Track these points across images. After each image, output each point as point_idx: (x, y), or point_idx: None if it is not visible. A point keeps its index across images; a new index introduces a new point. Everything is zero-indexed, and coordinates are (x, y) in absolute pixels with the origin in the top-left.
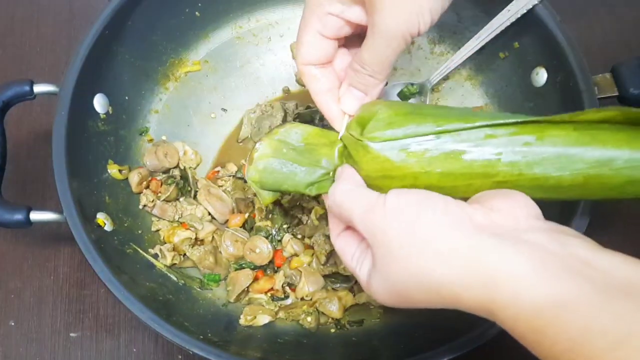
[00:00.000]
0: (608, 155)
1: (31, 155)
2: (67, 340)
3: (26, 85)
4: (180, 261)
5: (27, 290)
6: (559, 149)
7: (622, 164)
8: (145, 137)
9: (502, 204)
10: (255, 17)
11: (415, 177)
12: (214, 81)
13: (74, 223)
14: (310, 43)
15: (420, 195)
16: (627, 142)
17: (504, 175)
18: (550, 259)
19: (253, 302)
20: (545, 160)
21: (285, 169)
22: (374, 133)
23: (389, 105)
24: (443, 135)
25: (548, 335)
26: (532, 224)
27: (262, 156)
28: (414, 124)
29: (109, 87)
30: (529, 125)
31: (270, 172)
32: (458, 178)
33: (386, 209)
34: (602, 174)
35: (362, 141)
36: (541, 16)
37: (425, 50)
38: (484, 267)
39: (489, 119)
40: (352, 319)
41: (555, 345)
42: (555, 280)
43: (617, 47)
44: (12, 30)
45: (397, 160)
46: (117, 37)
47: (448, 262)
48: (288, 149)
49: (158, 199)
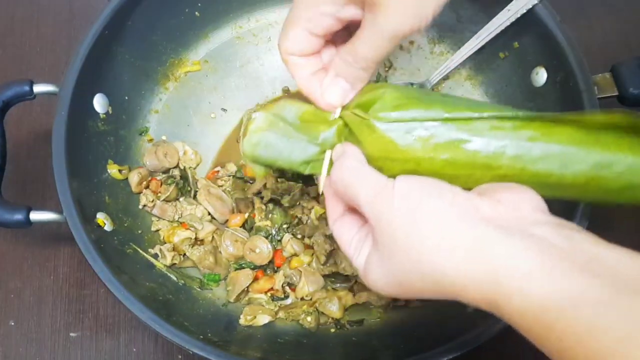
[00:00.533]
0: (610, 159)
1: (31, 155)
2: (67, 340)
3: (26, 85)
4: (180, 261)
5: (27, 290)
6: (563, 147)
7: (623, 168)
8: (145, 137)
9: (509, 196)
10: (255, 17)
11: (417, 162)
12: (214, 81)
13: (74, 223)
14: (296, 38)
15: (429, 184)
16: (629, 148)
17: (506, 169)
18: (557, 254)
19: (253, 302)
20: (549, 157)
21: (281, 144)
22: (380, 113)
23: (396, 88)
24: (449, 123)
25: (554, 330)
26: (539, 217)
27: (258, 129)
28: (421, 108)
29: (108, 87)
30: (535, 121)
31: (264, 145)
32: (461, 167)
33: (394, 195)
34: (602, 176)
35: (368, 120)
36: (541, 16)
37: (425, 50)
38: (490, 260)
39: (497, 110)
40: (352, 319)
41: (562, 341)
42: (562, 276)
43: (617, 47)
44: (12, 30)
45: (402, 143)
46: (117, 37)
47: (453, 253)
48: (284, 124)
49: (158, 199)
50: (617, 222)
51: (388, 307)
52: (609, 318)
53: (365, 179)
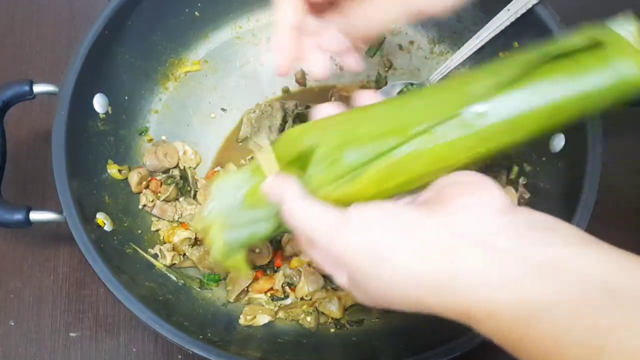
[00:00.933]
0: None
1: (31, 155)
2: (66, 340)
3: (26, 85)
4: (180, 261)
5: (26, 290)
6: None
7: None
8: (145, 137)
9: (467, 201)
10: (255, 17)
11: (376, 185)
12: (214, 81)
13: (74, 223)
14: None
15: (384, 212)
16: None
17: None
18: (521, 267)
19: (253, 302)
20: (498, 128)
21: (244, 232)
22: (318, 178)
23: (321, 132)
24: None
25: (524, 343)
26: (502, 223)
27: (215, 238)
28: (353, 149)
29: (108, 87)
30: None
31: (231, 244)
32: (415, 173)
33: (351, 232)
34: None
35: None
36: (541, 16)
37: (425, 50)
38: (457, 281)
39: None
40: (351, 319)
41: (533, 354)
42: (527, 290)
43: None
44: (12, 30)
45: (351, 189)
46: (117, 37)
47: (420, 279)
48: (233, 215)
49: (158, 198)
50: (621, 221)
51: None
52: (575, 332)
53: (317, 221)
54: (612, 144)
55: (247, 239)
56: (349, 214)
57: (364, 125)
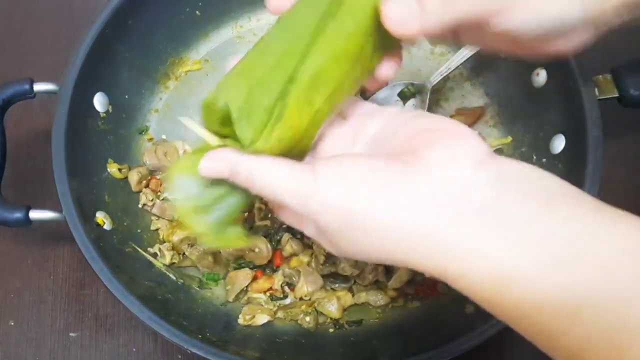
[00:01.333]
0: None
1: (31, 154)
2: (66, 339)
3: (26, 84)
4: (180, 260)
5: (26, 290)
6: None
7: None
8: (145, 136)
9: (443, 153)
10: (256, 17)
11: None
12: (215, 80)
13: (74, 222)
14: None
15: (353, 167)
16: None
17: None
18: (496, 227)
19: (252, 302)
20: None
21: (219, 211)
22: (249, 134)
23: (226, 89)
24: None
25: (505, 311)
26: (480, 178)
27: (194, 226)
28: (261, 90)
29: (109, 86)
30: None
31: (211, 227)
32: (333, 77)
33: (321, 192)
34: None
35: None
36: None
37: (426, 50)
38: (432, 240)
39: None
40: (350, 319)
41: (520, 321)
42: (503, 251)
43: (617, 48)
44: (12, 29)
45: (286, 129)
46: (117, 36)
47: (395, 236)
48: (200, 198)
49: (157, 198)
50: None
51: (387, 307)
52: (551, 296)
53: (284, 184)
54: (612, 145)
55: (226, 215)
56: (316, 171)
57: (259, 63)
